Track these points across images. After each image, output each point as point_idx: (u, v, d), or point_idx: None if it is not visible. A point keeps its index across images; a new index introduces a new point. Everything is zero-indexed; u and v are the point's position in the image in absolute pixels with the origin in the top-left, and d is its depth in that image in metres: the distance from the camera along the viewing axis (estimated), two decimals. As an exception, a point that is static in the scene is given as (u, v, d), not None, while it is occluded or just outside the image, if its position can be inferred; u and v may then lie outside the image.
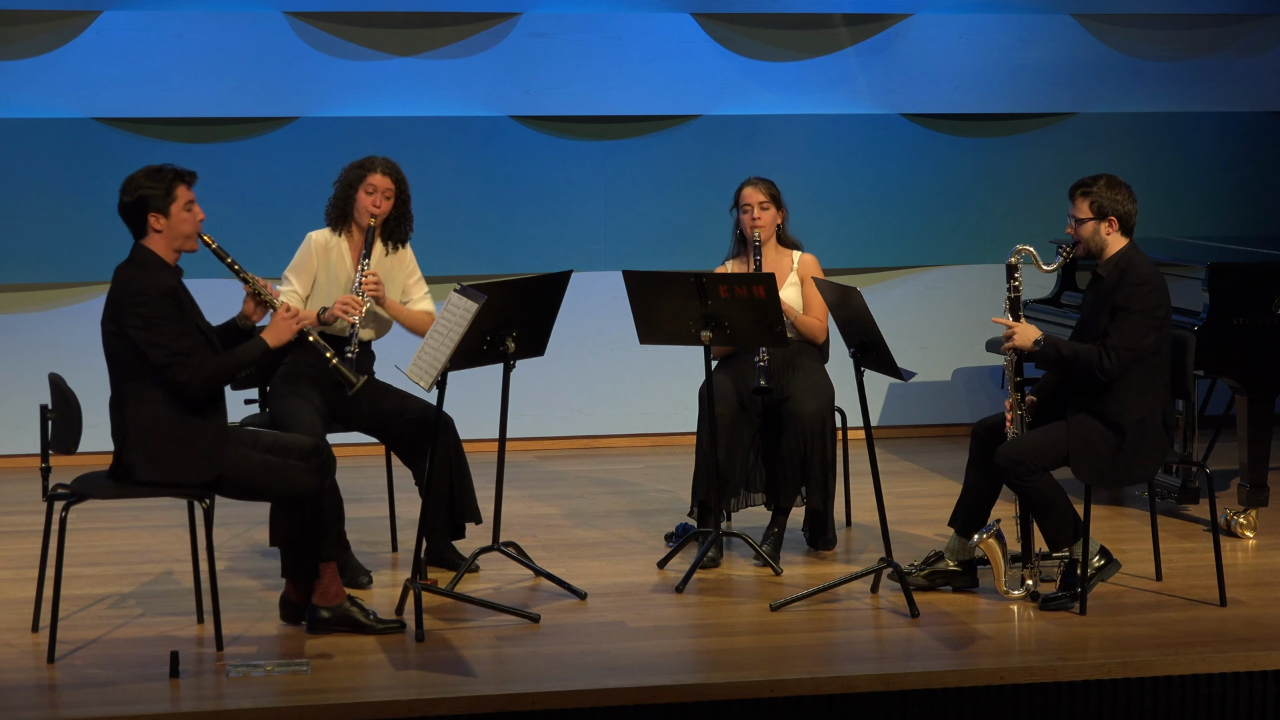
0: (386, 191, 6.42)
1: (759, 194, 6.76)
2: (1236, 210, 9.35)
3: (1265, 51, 9.30)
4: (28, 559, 6.32)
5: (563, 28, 8.71)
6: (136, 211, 5.52)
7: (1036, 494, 5.94)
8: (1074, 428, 5.95)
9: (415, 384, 5.84)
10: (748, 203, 6.76)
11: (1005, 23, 9.06)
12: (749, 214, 6.75)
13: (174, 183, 5.52)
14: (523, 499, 7.70)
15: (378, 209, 6.41)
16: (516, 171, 8.76)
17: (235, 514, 6.94)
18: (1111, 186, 6.01)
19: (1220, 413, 8.10)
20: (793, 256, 6.84)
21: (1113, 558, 6.10)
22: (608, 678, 5.33)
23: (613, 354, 8.87)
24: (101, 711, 5.04)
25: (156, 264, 5.52)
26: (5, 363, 8.46)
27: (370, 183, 6.41)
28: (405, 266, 6.57)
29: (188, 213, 5.54)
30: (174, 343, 5.42)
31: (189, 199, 5.55)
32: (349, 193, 6.44)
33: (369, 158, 6.48)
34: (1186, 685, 5.49)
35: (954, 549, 6.21)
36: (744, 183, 6.82)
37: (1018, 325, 6.03)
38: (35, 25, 8.32)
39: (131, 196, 5.51)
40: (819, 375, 6.72)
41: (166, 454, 5.49)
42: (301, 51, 8.51)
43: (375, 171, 6.42)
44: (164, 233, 5.52)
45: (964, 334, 9.09)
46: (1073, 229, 6.06)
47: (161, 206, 5.50)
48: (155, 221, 5.51)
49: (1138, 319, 5.88)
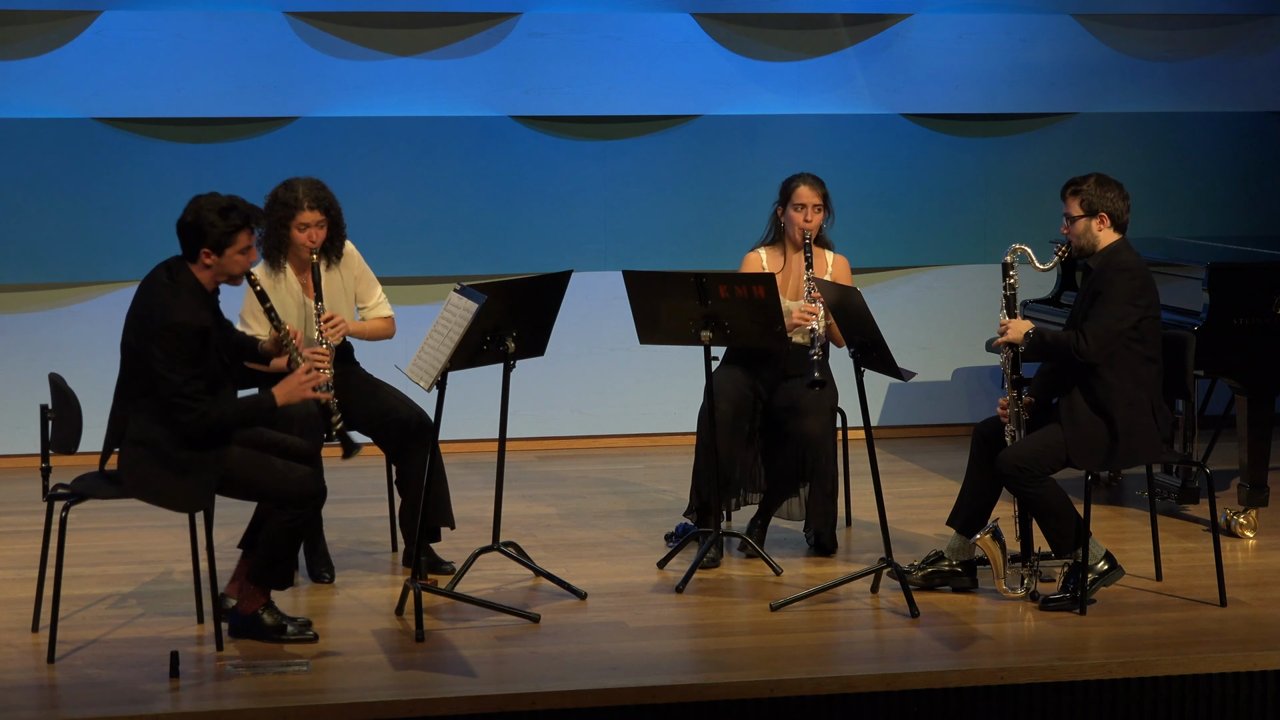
0: (320, 223, 6.32)
1: (815, 195, 6.68)
2: (1236, 210, 9.35)
3: (1265, 51, 9.30)
4: (28, 559, 6.32)
5: (563, 28, 8.71)
6: (192, 237, 5.47)
7: (1040, 499, 5.95)
8: (1067, 422, 5.99)
9: (415, 384, 5.85)
10: (803, 202, 6.67)
11: (1005, 23, 9.06)
12: (802, 213, 6.68)
13: (238, 228, 5.47)
14: (523, 499, 7.70)
15: (314, 241, 6.31)
16: (516, 171, 8.75)
17: (235, 514, 6.93)
18: (1101, 184, 6.08)
19: (1220, 413, 8.09)
20: (827, 258, 6.80)
21: (1117, 564, 6.10)
22: (608, 678, 5.33)
23: (613, 354, 8.87)
24: (101, 711, 5.05)
25: (196, 292, 5.48)
26: (5, 363, 8.45)
27: (300, 220, 6.28)
28: (353, 269, 6.50)
29: (242, 256, 5.51)
30: (186, 385, 5.39)
31: (247, 244, 5.52)
32: (281, 232, 6.31)
33: (290, 187, 6.32)
34: (1186, 685, 5.49)
35: (955, 549, 6.21)
36: (799, 179, 6.71)
37: (1011, 321, 6.07)
38: (35, 25, 8.32)
39: (193, 220, 5.47)
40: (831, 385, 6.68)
41: (155, 480, 5.47)
42: (301, 51, 8.51)
43: (302, 209, 6.28)
44: (212, 268, 5.50)
45: (964, 334, 9.09)
46: (1066, 228, 6.12)
47: (218, 245, 5.47)
48: (206, 256, 5.48)
49: (1115, 304, 5.94)
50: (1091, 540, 6.03)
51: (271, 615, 5.65)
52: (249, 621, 5.65)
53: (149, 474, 5.46)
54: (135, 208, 8.43)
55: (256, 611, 5.65)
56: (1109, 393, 5.96)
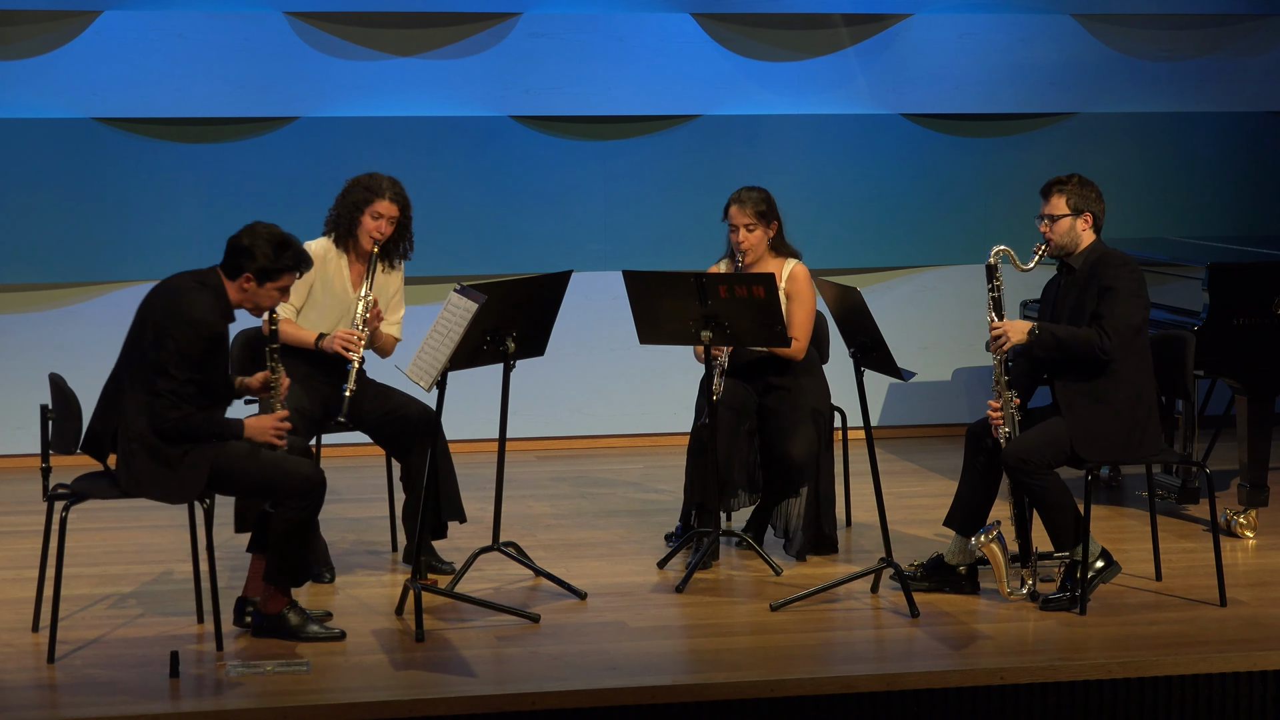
0: (391, 218, 6.36)
1: (744, 215, 6.59)
2: (1236, 210, 9.35)
3: (1265, 51, 9.30)
4: (28, 559, 6.32)
5: (563, 28, 8.71)
6: (240, 259, 5.51)
7: (1043, 491, 5.95)
8: (1071, 418, 5.98)
9: (415, 384, 5.85)
10: (734, 223, 6.63)
11: (1005, 23, 9.06)
12: (735, 234, 6.64)
13: (288, 270, 5.53)
14: (523, 499, 7.70)
15: (381, 235, 6.36)
16: (516, 171, 8.75)
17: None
18: (1084, 185, 6.12)
19: (1220, 413, 8.09)
20: (784, 269, 6.70)
21: (1113, 560, 6.10)
22: (608, 678, 5.33)
23: (613, 354, 8.87)
24: (101, 711, 5.05)
25: (221, 304, 5.52)
26: (5, 363, 8.46)
27: (376, 209, 6.33)
28: (392, 285, 6.54)
29: (278, 293, 5.56)
30: (183, 386, 5.42)
31: (288, 285, 5.57)
32: (354, 213, 6.36)
33: (375, 177, 6.38)
34: (1186, 685, 5.49)
35: (955, 551, 6.20)
36: (732, 198, 6.65)
37: (1007, 323, 6.06)
38: (35, 25, 8.32)
39: (249, 243, 5.51)
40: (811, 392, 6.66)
41: (146, 473, 5.48)
42: (301, 51, 8.51)
43: (383, 197, 6.33)
44: (248, 293, 5.54)
45: (964, 334, 9.08)
46: (1046, 228, 6.10)
47: (261, 275, 5.51)
48: (246, 281, 5.52)
49: (1126, 296, 5.96)
50: (1089, 538, 6.03)
51: (296, 614, 5.66)
52: (273, 622, 5.66)
53: (141, 467, 5.47)
54: (135, 208, 8.43)
55: (281, 611, 5.66)
56: (1117, 386, 5.96)
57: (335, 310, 6.40)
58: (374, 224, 6.35)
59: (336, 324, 6.38)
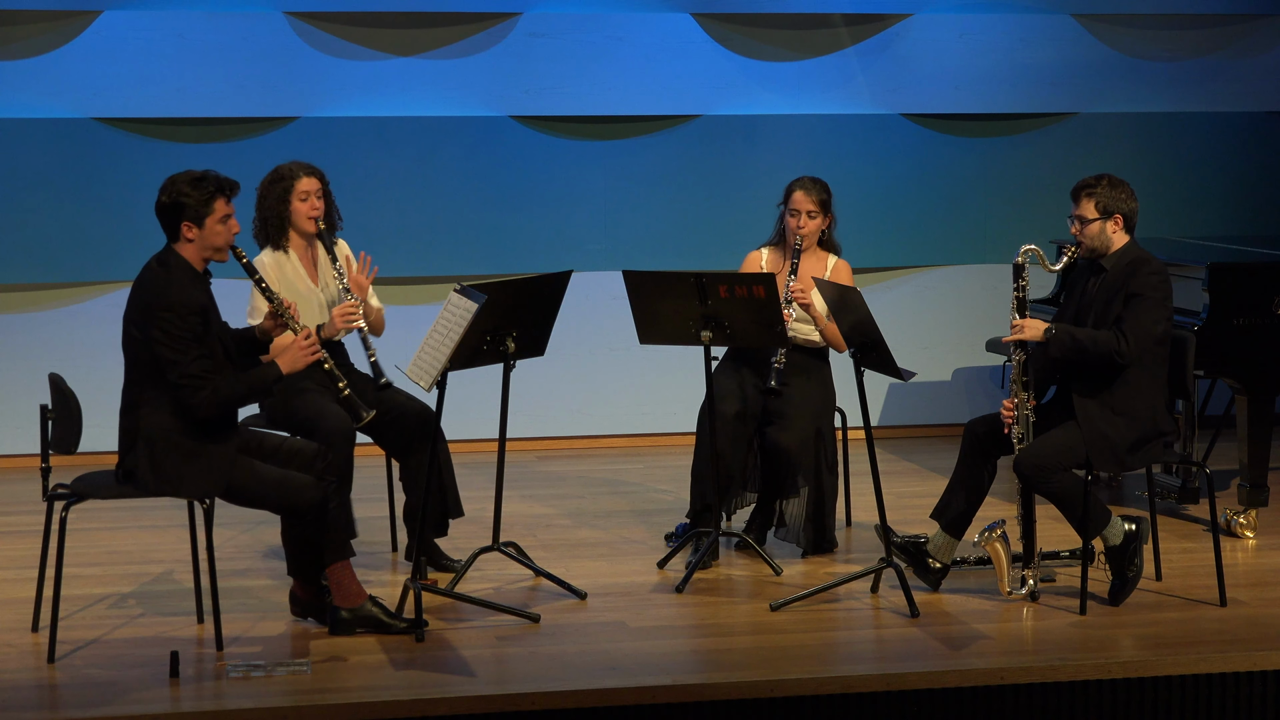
0: (317, 192, 6.43)
1: (809, 201, 6.69)
2: (1236, 210, 9.35)
3: (1265, 51, 9.30)
4: (28, 559, 6.32)
5: (563, 28, 8.71)
6: (171, 215, 5.50)
7: (1061, 490, 5.96)
8: (1086, 425, 5.97)
9: (415, 384, 5.85)
10: (796, 208, 6.70)
11: (1005, 23, 9.06)
12: (796, 219, 6.71)
13: (214, 195, 5.49)
14: (523, 499, 7.70)
15: (316, 210, 6.43)
16: (516, 171, 8.76)
17: (235, 514, 6.93)
18: (1114, 186, 6.09)
19: (1220, 413, 8.09)
20: (828, 262, 6.79)
21: (1133, 519, 6.07)
22: (608, 678, 5.33)
23: (613, 354, 8.87)
24: (101, 711, 5.05)
25: (187, 273, 5.49)
26: (5, 363, 8.45)
27: (301, 190, 6.41)
28: (344, 254, 6.55)
29: (222, 226, 5.52)
30: (193, 364, 5.40)
31: (226, 213, 5.52)
32: (282, 207, 6.42)
33: (284, 167, 6.46)
34: (1186, 685, 5.49)
35: (939, 545, 6.20)
36: (796, 183, 6.74)
37: (1025, 321, 6.06)
38: (35, 25, 8.32)
39: (169, 199, 5.50)
40: (815, 391, 6.68)
41: (172, 465, 5.47)
42: (301, 51, 8.51)
43: (299, 177, 6.42)
44: (195, 242, 5.51)
45: (964, 334, 9.09)
46: (1077, 229, 6.10)
47: (196, 217, 5.49)
48: (188, 230, 5.50)
49: (1152, 305, 5.96)
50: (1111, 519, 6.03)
51: (375, 607, 5.69)
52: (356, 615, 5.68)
53: (165, 461, 5.46)
54: (135, 208, 8.41)
55: (362, 604, 5.68)
56: (1133, 394, 5.96)
57: (312, 305, 6.40)
58: (304, 206, 6.41)
59: (321, 316, 6.39)
